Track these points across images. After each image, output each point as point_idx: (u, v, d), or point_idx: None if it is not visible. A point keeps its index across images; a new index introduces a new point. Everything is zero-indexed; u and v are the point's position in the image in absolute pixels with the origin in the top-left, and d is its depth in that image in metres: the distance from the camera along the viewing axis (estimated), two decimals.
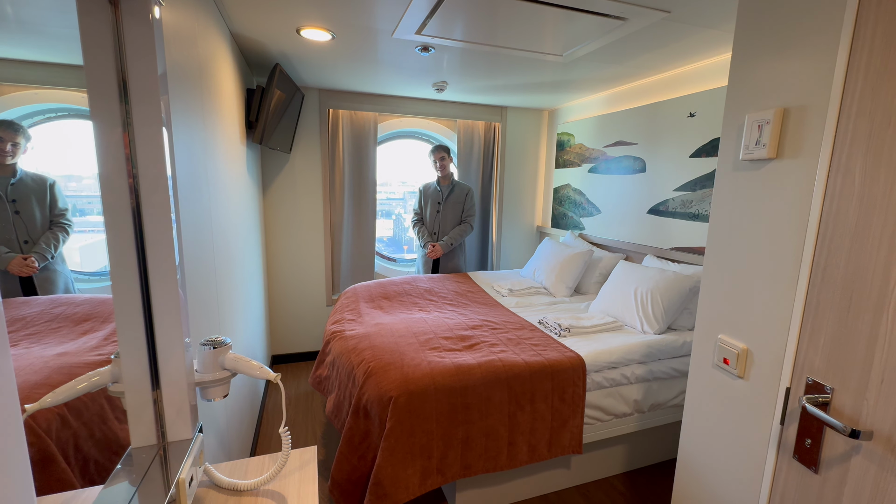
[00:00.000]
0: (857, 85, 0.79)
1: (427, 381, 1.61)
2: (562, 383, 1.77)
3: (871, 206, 0.77)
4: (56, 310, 0.67)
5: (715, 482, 1.14)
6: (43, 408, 0.58)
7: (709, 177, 2.22)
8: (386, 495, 1.52)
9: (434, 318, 2.25)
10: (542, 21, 1.73)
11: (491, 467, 1.68)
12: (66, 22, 0.65)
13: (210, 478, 0.82)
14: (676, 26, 1.76)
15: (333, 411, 1.90)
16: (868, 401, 0.78)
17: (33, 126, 0.63)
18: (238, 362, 0.84)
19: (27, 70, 0.60)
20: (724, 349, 1.10)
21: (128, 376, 0.71)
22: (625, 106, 2.83)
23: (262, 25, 1.90)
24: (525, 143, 3.78)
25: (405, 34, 1.92)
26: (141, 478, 0.67)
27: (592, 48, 2.04)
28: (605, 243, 3.03)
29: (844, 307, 0.81)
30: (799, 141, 0.91)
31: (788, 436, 0.94)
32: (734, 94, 1.06)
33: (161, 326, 0.73)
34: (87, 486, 0.64)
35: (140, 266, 0.70)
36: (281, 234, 3.22)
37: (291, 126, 2.88)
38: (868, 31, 0.78)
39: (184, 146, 1.14)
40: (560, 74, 2.55)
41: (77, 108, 0.68)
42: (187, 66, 1.21)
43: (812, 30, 0.88)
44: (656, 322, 2.09)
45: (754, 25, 1.01)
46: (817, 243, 0.87)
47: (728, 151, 1.08)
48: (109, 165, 0.67)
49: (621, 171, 2.85)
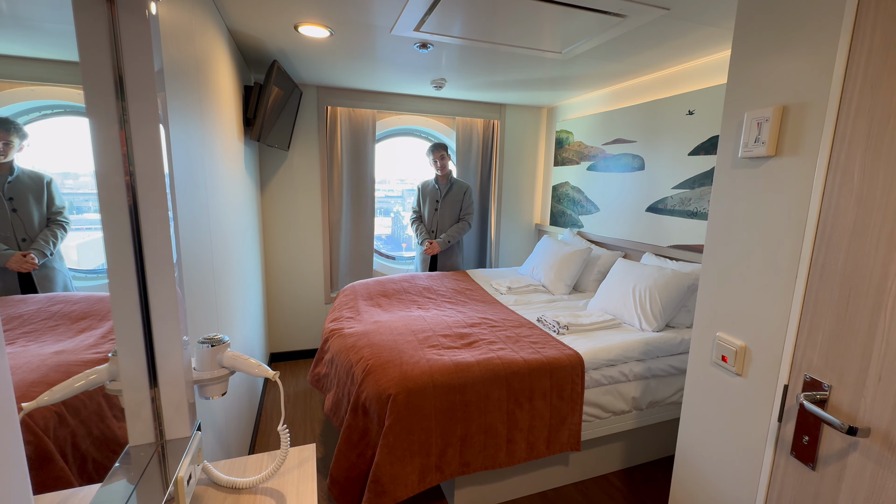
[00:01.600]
0: (857, 82, 0.79)
1: (426, 379, 1.61)
2: (560, 381, 1.77)
3: (870, 203, 0.77)
4: (53, 307, 0.66)
5: (713, 479, 1.15)
6: (40, 406, 0.58)
7: (707, 175, 2.22)
8: (385, 493, 1.53)
9: (433, 316, 2.25)
10: (541, 18, 1.72)
11: (490, 464, 1.69)
12: (61, 18, 0.64)
13: (208, 476, 0.82)
14: (676, 23, 1.76)
15: (332, 409, 1.90)
16: (865, 398, 0.78)
17: (29, 123, 0.62)
18: (236, 360, 0.84)
19: (23, 66, 0.60)
20: (722, 347, 1.10)
21: (125, 374, 0.71)
22: (624, 103, 2.83)
23: (259, 21, 1.89)
24: (524, 140, 3.77)
25: (404, 31, 1.91)
26: (139, 476, 0.67)
27: (591, 45, 2.03)
28: (604, 241, 3.03)
29: (843, 305, 0.82)
30: (798, 138, 0.91)
31: (786, 433, 0.94)
32: (733, 92, 1.06)
33: (158, 324, 0.72)
34: (85, 485, 0.64)
35: (137, 264, 0.70)
36: (279, 232, 3.21)
37: (289, 123, 2.87)
38: (867, 29, 0.78)
39: (181, 143, 1.14)
40: (559, 72, 2.54)
41: (73, 104, 0.68)
42: (184, 63, 1.21)
43: (812, 27, 0.88)
44: (654, 320, 2.09)
45: (754, 23, 1.01)
46: (816, 241, 0.87)
47: (727, 149, 1.08)
48: (106, 163, 0.66)
49: (620, 168, 2.85)
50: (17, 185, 0.60)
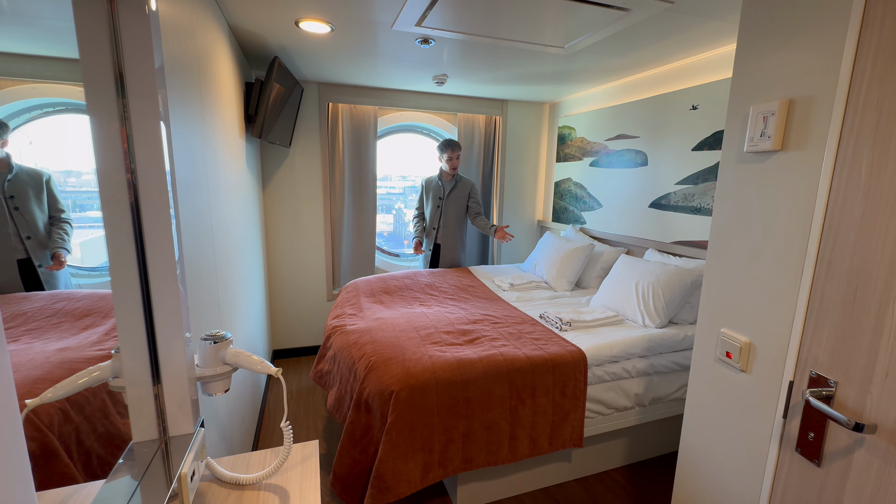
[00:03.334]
0: (865, 75, 0.78)
1: (428, 376, 1.61)
2: (563, 377, 1.77)
3: (878, 198, 0.76)
4: (57, 305, 0.67)
5: (717, 475, 1.14)
6: (44, 403, 0.58)
7: (711, 170, 2.20)
8: (388, 489, 1.53)
9: (435, 313, 2.25)
10: (544, 12, 1.71)
11: (492, 461, 1.69)
12: (61, 14, 0.64)
13: (212, 472, 0.82)
14: (679, 17, 1.74)
15: (335, 405, 1.91)
16: (872, 394, 0.77)
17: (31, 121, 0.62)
18: (239, 357, 0.84)
19: (24, 64, 0.60)
20: (726, 343, 1.09)
21: (128, 371, 0.71)
22: (626, 99, 2.81)
23: (260, 18, 1.89)
24: (526, 136, 3.76)
25: (405, 26, 1.90)
26: (143, 472, 0.67)
27: (594, 40, 2.01)
28: (607, 237, 3.02)
29: (849, 300, 0.81)
30: (805, 132, 0.90)
31: (791, 429, 0.93)
32: (739, 86, 1.05)
33: (161, 321, 0.72)
34: (89, 481, 0.64)
35: (139, 261, 0.70)
36: (281, 229, 3.21)
37: (291, 120, 2.87)
38: (877, 21, 0.76)
39: (182, 141, 1.13)
40: (561, 67, 2.52)
41: (75, 102, 0.67)
42: (185, 60, 1.20)
43: (820, 20, 0.87)
44: (657, 316, 2.09)
45: (760, 15, 0.99)
46: (822, 236, 0.86)
47: (732, 143, 1.07)
48: (107, 161, 0.66)
49: (623, 164, 2.83)
50: (17, 182, 0.59)
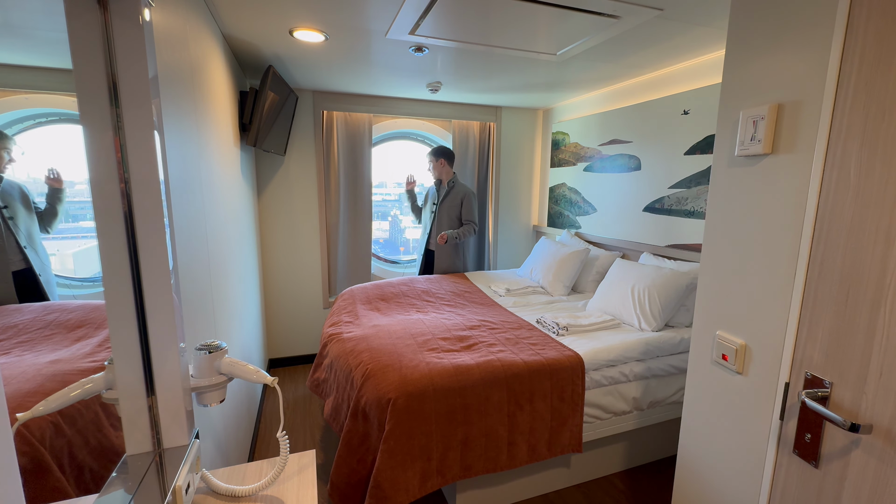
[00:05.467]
0: (851, 79, 0.80)
1: (425, 383, 1.60)
2: (561, 382, 1.77)
3: (867, 199, 0.77)
4: (49, 316, 0.66)
5: (715, 478, 1.14)
6: (35, 416, 0.57)
7: (703, 174, 2.22)
8: (386, 498, 1.52)
9: (432, 319, 2.24)
10: (536, 20, 1.73)
11: (491, 468, 1.68)
12: (54, 25, 0.64)
13: (207, 484, 0.81)
14: (669, 24, 1.77)
15: (332, 414, 1.89)
16: (867, 394, 0.78)
17: (24, 131, 0.62)
18: (234, 367, 0.84)
19: (16, 75, 0.60)
20: (722, 345, 1.10)
21: (122, 383, 0.70)
22: (619, 104, 2.84)
23: (254, 27, 1.89)
24: (520, 142, 3.78)
25: (399, 34, 1.92)
26: (137, 485, 0.66)
27: (586, 47, 2.04)
28: (602, 242, 3.03)
29: (842, 301, 0.82)
30: (794, 136, 0.92)
31: (788, 431, 0.94)
32: (728, 91, 1.06)
33: (155, 332, 0.72)
34: (82, 495, 0.63)
35: (133, 271, 0.69)
36: (277, 237, 3.20)
37: (286, 128, 2.87)
38: (861, 25, 0.78)
39: (176, 150, 1.13)
40: (554, 73, 2.55)
41: (68, 112, 0.67)
42: (179, 69, 1.20)
43: (805, 24, 0.89)
44: (654, 319, 2.09)
45: (748, 21, 1.01)
46: (814, 238, 0.87)
47: (723, 148, 1.08)
48: (101, 170, 0.66)
49: (616, 169, 2.86)
50: (8, 191, 0.59)
